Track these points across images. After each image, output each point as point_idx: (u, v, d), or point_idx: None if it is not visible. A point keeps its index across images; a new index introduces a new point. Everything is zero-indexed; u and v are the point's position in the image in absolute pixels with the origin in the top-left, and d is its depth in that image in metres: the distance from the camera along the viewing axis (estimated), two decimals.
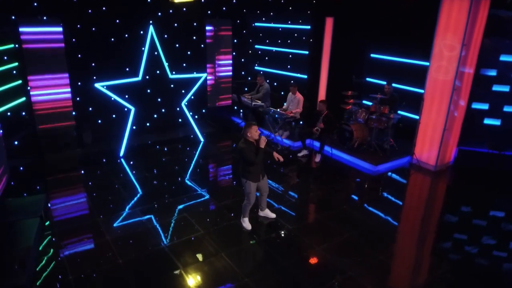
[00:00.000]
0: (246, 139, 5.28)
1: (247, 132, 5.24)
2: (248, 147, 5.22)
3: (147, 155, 8.47)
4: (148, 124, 9.65)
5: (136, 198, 6.55)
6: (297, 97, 9.14)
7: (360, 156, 8.19)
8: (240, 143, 5.31)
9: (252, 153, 5.20)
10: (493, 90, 7.88)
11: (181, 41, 9.63)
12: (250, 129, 5.23)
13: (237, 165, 8.01)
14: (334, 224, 5.83)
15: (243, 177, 5.43)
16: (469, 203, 6.68)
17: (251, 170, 5.35)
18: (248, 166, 5.33)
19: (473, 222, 6.17)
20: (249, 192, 5.45)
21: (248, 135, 5.25)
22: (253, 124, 5.27)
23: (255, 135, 5.25)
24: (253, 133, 5.23)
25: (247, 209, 5.65)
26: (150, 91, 9.22)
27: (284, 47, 10.39)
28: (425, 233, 5.84)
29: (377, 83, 9.56)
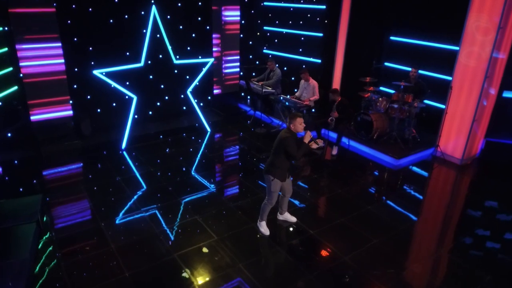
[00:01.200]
0: (290, 129, 4.72)
1: (291, 122, 4.68)
2: (292, 137, 4.66)
3: (151, 147, 7.87)
4: (150, 112, 9.00)
5: (141, 197, 5.99)
6: (311, 83, 8.49)
7: (380, 149, 7.61)
8: (283, 132, 4.74)
9: (295, 145, 4.64)
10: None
11: (185, 23, 8.89)
12: (295, 120, 4.66)
13: (248, 158, 7.44)
14: (359, 228, 5.31)
15: (269, 173, 4.85)
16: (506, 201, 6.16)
17: (281, 166, 4.79)
18: (277, 161, 4.76)
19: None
20: (274, 191, 4.89)
21: (292, 127, 4.68)
22: (298, 116, 4.69)
23: (299, 128, 4.68)
24: (297, 125, 4.67)
25: (267, 210, 5.11)
26: (153, 78, 8.55)
27: (295, 29, 9.65)
28: (463, 242, 5.32)
29: (396, 68, 8.91)
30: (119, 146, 7.69)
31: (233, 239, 5.02)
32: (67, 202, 5.83)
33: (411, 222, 5.63)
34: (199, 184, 6.43)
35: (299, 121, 4.66)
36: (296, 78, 9.75)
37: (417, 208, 6.00)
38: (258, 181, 6.55)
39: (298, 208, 5.76)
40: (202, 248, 4.83)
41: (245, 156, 7.67)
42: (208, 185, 6.40)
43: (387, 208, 5.95)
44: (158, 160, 7.31)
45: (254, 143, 8.22)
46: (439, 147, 7.55)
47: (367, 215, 5.67)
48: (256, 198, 5.99)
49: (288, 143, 4.62)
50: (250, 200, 5.95)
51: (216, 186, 6.39)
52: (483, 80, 6.78)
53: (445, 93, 7.61)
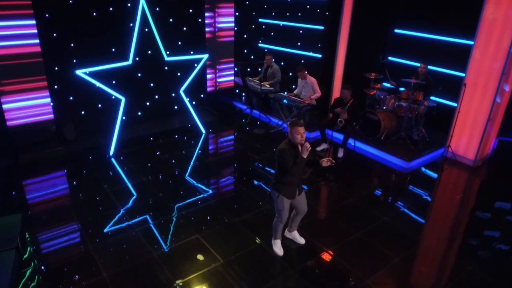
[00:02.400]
0: (290, 139, 4.16)
1: (289, 131, 4.12)
2: (289, 150, 4.10)
3: (141, 152, 7.23)
4: (139, 113, 8.35)
5: (134, 213, 5.37)
6: (310, 81, 7.94)
7: (389, 150, 7.14)
8: (282, 143, 4.18)
9: (290, 159, 4.08)
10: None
11: (176, 15, 8.20)
12: (292, 129, 4.08)
13: (248, 163, 6.88)
14: (378, 243, 4.83)
15: (274, 189, 4.33)
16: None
17: (286, 182, 4.23)
18: (282, 176, 4.22)
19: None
20: (281, 209, 4.36)
21: (289, 136, 4.13)
22: (297, 124, 4.07)
23: (296, 138, 4.08)
24: (293, 135, 4.07)
25: (279, 228, 4.59)
26: (142, 76, 7.90)
27: (293, 21, 9.06)
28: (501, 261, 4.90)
29: (402, 63, 8.41)
30: (106, 152, 7.03)
31: (241, 262, 4.48)
32: (51, 222, 5.17)
33: (433, 234, 5.19)
34: (197, 195, 5.84)
35: (297, 131, 4.03)
36: (294, 73, 9.20)
37: (437, 217, 5.57)
38: (261, 189, 6.02)
39: (308, 221, 5.24)
40: (207, 274, 4.28)
41: (244, 160, 7.10)
42: (208, 197, 5.83)
43: (404, 218, 5.49)
44: (150, 167, 6.69)
45: (253, 146, 7.67)
46: (450, 147, 7.13)
47: (384, 228, 5.20)
48: (262, 210, 5.46)
49: (282, 156, 4.07)
50: (256, 213, 5.41)
51: (217, 197, 5.82)
52: (500, 77, 6.35)
53: (456, 90, 7.18)
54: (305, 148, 4.07)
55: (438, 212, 5.77)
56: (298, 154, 4.14)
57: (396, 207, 5.75)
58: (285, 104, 7.88)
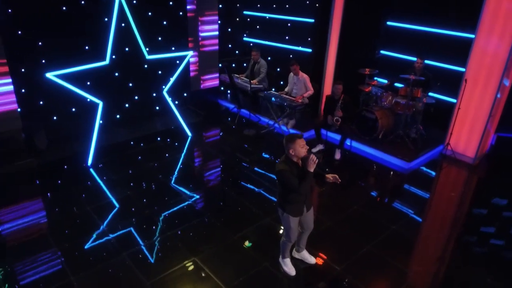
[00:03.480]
0: (288, 157, 3.70)
1: (290, 147, 3.65)
2: (289, 169, 3.65)
3: (122, 160, 6.60)
4: (118, 116, 7.67)
5: (121, 235, 4.80)
6: (302, 78, 7.49)
7: (388, 150, 6.81)
8: (279, 163, 3.73)
9: (294, 178, 3.64)
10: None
11: (155, 8, 7.53)
12: (294, 143, 3.63)
13: (241, 169, 6.37)
14: (391, 257, 4.47)
15: (280, 208, 3.91)
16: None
17: (292, 200, 3.80)
18: (287, 194, 3.79)
19: None
20: (289, 227, 3.93)
21: (291, 152, 3.66)
22: (298, 137, 3.65)
23: (301, 152, 3.65)
24: (297, 149, 3.63)
25: (287, 247, 4.16)
26: (120, 75, 7.22)
27: (281, 14, 8.55)
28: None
29: (395, 57, 8.06)
30: (84, 161, 6.36)
31: (246, 287, 4.03)
32: (25, 251, 4.50)
33: (443, 242, 4.88)
34: (189, 210, 5.32)
35: (300, 143, 3.61)
36: (282, 69, 8.73)
37: (446, 222, 5.27)
38: (258, 198, 5.57)
39: (314, 234, 4.82)
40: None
41: (237, 165, 6.59)
42: (201, 210, 5.31)
43: (413, 225, 5.17)
44: (134, 178, 6.08)
45: (245, 149, 7.17)
46: (450, 145, 6.86)
47: (394, 238, 4.85)
48: (262, 223, 5.00)
49: (282, 177, 3.65)
50: (256, 227, 4.94)
51: (211, 211, 5.31)
52: (502, 72, 6.09)
53: (454, 86, 6.91)
54: (311, 161, 3.63)
55: (446, 216, 5.47)
56: (300, 169, 3.71)
57: (403, 214, 5.41)
58: (274, 102, 7.39)
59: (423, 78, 6.63)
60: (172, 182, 5.99)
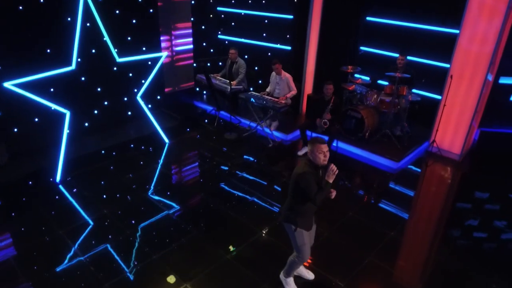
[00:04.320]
0: (310, 160, 3.40)
1: (309, 149, 3.39)
2: (311, 173, 3.36)
3: (95, 173, 6.03)
4: (86, 124, 7.04)
5: (101, 262, 4.30)
6: (284, 77, 7.16)
7: (376, 151, 6.62)
8: (300, 166, 3.42)
9: (315, 185, 3.36)
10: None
11: (123, 6, 6.93)
12: (313, 146, 3.34)
13: (226, 177, 5.96)
14: (393, 267, 4.27)
15: (288, 222, 3.58)
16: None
17: (304, 211, 3.51)
18: (300, 205, 3.49)
19: None
20: (301, 244, 3.61)
21: (309, 155, 3.39)
22: (319, 142, 3.35)
23: (318, 158, 3.34)
24: (315, 154, 3.34)
25: (296, 267, 3.85)
26: (87, 80, 6.60)
27: (257, 10, 8.16)
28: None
29: (375, 53, 7.87)
30: (52, 177, 5.75)
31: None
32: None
33: (446, 249, 4.72)
34: (174, 227, 4.87)
35: (319, 149, 3.31)
36: (260, 68, 8.37)
37: (442, 223, 5.13)
38: (249, 209, 5.22)
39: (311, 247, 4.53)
40: None
41: (221, 174, 6.18)
42: (187, 227, 4.88)
43: (412, 231, 4.99)
44: (110, 193, 5.55)
45: (227, 154, 6.77)
46: (435, 142, 6.77)
47: (394, 245, 4.66)
48: (256, 240, 4.65)
49: (305, 181, 3.33)
50: (250, 243, 4.58)
51: (199, 228, 4.89)
52: (488, 66, 6.02)
53: (438, 82, 6.83)
54: (331, 171, 3.36)
55: (442, 217, 5.34)
56: (319, 179, 3.41)
57: (399, 218, 5.22)
58: (256, 104, 7.02)
59: (409, 76, 6.47)
60: (152, 195, 5.51)
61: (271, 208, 5.30)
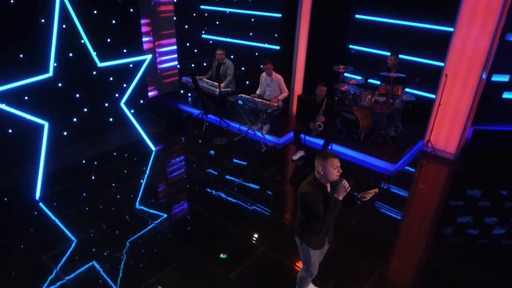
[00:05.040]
0: (316, 178, 3.13)
1: (319, 165, 3.09)
2: (315, 193, 3.08)
3: (78, 188, 5.59)
4: (65, 133, 6.55)
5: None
6: (275, 78, 6.89)
7: (371, 152, 6.45)
8: (304, 183, 3.16)
9: (320, 205, 3.09)
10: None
11: (101, 5, 6.46)
12: (326, 161, 3.06)
13: (221, 187, 5.64)
14: (404, 279, 4.09)
15: (298, 237, 3.37)
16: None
17: (313, 229, 3.27)
18: (308, 221, 3.24)
19: None
20: (308, 260, 3.39)
21: (320, 171, 3.09)
22: (332, 156, 3.08)
23: (332, 174, 3.07)
24: (328, 169, 3.05)
25: (305, 283, 3.63)
26: (65, 86, 6.13)
27: (242, 8, 7.83)
28: None
29: (365, 52, 7.68)
30: (31, 194, 5.27)
31: None
32: None
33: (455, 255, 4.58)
34: (169, 246, 4.54)
35: (332, 164, 3.04)
36: (247, 68, 8.06)
37: (446, 226, 5.00)
38: (248, 220, 4.95)
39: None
40: None
41: (215, 183, 5.84)
42: (184, 246, 4.54)
43: (418, 238, 4.83)
44: (95, 209, 5.14)
45: (219, 161, 6.44)
46: (430, 142, 6.66)
47: (402, 255, 4.48)
48: (260, 255, 4.37)
49: (307, 202, 3.09)
50: (253, 260, 4.30)
51: (196, 246, 4.56)
52: (483, 65, 5.94)
53: (431, 81, 6.74)
54: (342, 188, 3.09)
55: (447, 221, 5.22)
56: (328, 195, 3.16)
57: (403, 224, 5.07)
58: (247, 108, 6.72)
59: (404, 75, 6.32)
60: (141, 210, 5.14)
61: (272, 218, 5.04)
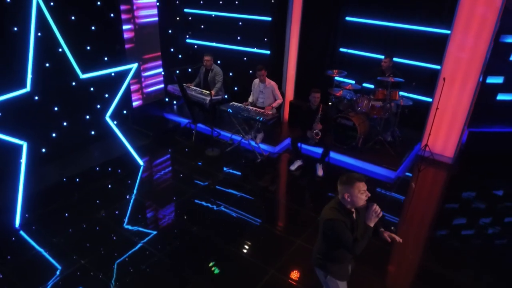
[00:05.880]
0: (341, 203, 2.84)
1: (345, 191, 2.79)
2: (343, 219, 2.80)
3: (61, 211, 5.07)
4: (44, 150, 6.00)
5: None
6: (269, 85, 6.59)
7: (371, 160, 6.26)
8: (329, 209, 2.86)
9: (349, 234, 2.80)
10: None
11: (79, 10, 5.95)
12: (352, 187, 2.77)
13: (218, 206, 5.27)
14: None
15: (320, 268, 3.06)
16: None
17: (339, 258, 2.99)
18: (333, 250, 2.95)
19: None
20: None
21: (346, 198, 2.79)
22: (358, 180, 2.78)
23: (360, 200, 2.79)
24: (355, 195, 2.77)
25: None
26: (41, 99, 5.61)
27: (230, 11, 7.47)
28: None
29: (356, 55, 7.49)
30: (9, 222, 4.74)
31: None
32: None
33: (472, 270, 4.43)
34: (169, 274, 4.15)
35: (359, 188, 2.76)
36: (235, 74, 7.72)
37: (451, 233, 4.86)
38: (252, 242, 4.61)
39: None
40: None
41: (212, 199, 5.44)
42: (185, 273, 4.17)
43: (428, 249, 4.65)
44: (83, 235, 4.68)
45: (214, 174, 6.07)
46: (428, 146, 6.54)
47: (418, 270, 4.28)
48: (269, 282, 4.04)
49: (335, 231, 2.79)
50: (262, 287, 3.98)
51: (198, 272, 4.20)
52: (482, 68, 5.85)
53: (426, 84, 6.64)
54: (373, 213, 2.83)
55: (449, 227, 5.08)
56: (354, 221, 2.88)
57: (412, 235, 4.88)
58: (238, 116, 6.38)
59: (403, 80, 6.16)
60: (134, 234, 4.71)
61: (278, 237, 4.73)
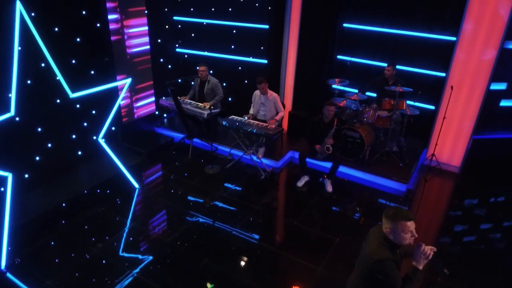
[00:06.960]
0: (387, 237, 2.53)
1: (388, 227, 2.50)
2: (394, 258, 2.49)
3: (51, 248, 4.54)
4: (27, 175, 5.41)
5: None
6: (271, 97, 6.25)
7: (379, 172, 6.00)
8: (376, 246, 2.52)
9: (400, 277, 2.50)
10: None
11: (63, 21, 5.41)
12: (396, 225, 2.47)
13: (228, 226, 4.85)
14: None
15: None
16: None
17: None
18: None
19: None
20: None
21: (389, 235, 2.51)
22: (405, 219, 2.46)
23: (404, 240, 2.48)
24: (399, 234, 2.48)
25: None
26: (25, 120, 5.03)
27: (223, 19, 7.06)
28: None
29: (356, 62, 7.23)
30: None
31: None
32: None
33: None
34: None
35: (405, 228, 2.46)
36: (229, 84, 7.34)
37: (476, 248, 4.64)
38: (267, 272, 4.22)
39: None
40: None
41: (220, 223, 5.03)
42: None
43: (460, 277, 4.41)
44: (79, 274, 4.16)
45: (217, 194, 5.64)
46: (435, 156, 6.35)
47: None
48: None
49: (387, 271, 2.46)
50: None
51: None
52: (491, 73, 5.71)
53: (431, 92, 6.46)
54: (422, 254, 2.52)
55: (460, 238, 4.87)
56: (398, 259, 2.59)
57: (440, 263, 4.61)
58: (240, 131, 5.99)
59: (411, 90, 5.94)
60: (135, 269, 4.24)
61: (300, 265, 4.35)
